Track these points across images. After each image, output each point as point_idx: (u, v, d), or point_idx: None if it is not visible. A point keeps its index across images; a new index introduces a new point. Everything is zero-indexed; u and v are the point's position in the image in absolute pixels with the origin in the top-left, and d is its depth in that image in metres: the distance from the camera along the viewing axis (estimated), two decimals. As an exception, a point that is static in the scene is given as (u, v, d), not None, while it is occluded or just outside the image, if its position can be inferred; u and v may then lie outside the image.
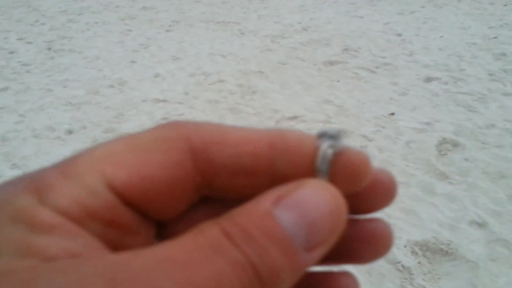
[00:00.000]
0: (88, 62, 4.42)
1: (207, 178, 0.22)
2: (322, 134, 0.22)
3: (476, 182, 2.36)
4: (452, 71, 3.75)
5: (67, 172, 0.20)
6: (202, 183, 0.22)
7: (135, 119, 3.22)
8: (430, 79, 3.64)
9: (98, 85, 3.86)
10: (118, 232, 0.21)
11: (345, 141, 0.22)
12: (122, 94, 3.65)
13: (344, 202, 0.20)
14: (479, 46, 4.28)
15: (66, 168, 0.21)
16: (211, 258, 0.17)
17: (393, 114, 3.11)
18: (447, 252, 1.94)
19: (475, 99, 3.25)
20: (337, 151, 0.22)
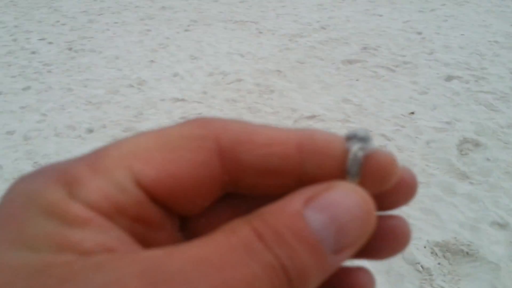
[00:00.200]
0: (107, 62, 4.46)
1: (234, 177, 0.22)
2: (351, 136, 0.22)
3: (497, 182, 2.32)
4: (473, 70, 3.70)
5: (96, 166, 0.21)
6: (228, 182, 0.23)
7: (154, 118, 3.24)
8: (451, 78, 3.60)
9: (117, 84, 3.89)
10: (145, 227, 0.21)
11: (374, 142, 0.22)
12: (141, 94, 3.67)
13: (374, 206, 0.20)
14: (501, 44, 4.22)
15: (94, 162, 0.21)
16: (244, 260, 0.18)
17: (413, 113, 3.08)
18: (468, 253, 1.92)
19: (497, 98, 3.21)
20: (367, 154, 0.22)
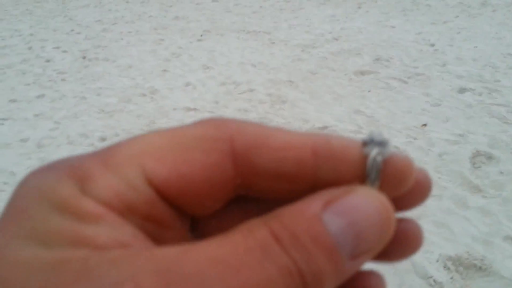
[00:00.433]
0: (121, 71, 4.50)
1: (247, 180, 0.22)
2: (368, 141, 0.22)
3: (511, 196, 2.30)
4: (486, 82, 3.68)
5: (107, 163, 0.20)
6: (240, 185, 0.22)
7: (166, 127, 3.25)
8: (463, 90, 3.58)
9: (130, 93, 3.92)
10: (155, 226, 0.21)
11: (391, 146, 0.22)
12: (154, 103, 3.70)
13: (394, 213, 0.20)
14: (515, 56, 4.20)
15: (106, 158, 0.21)
16: (261, 262, 0.17)
17: (425, 125, 3.07)
18: (481, 267, 1.90)
19: (510, 111, 3.18)
20: (385, 159, 0.21)
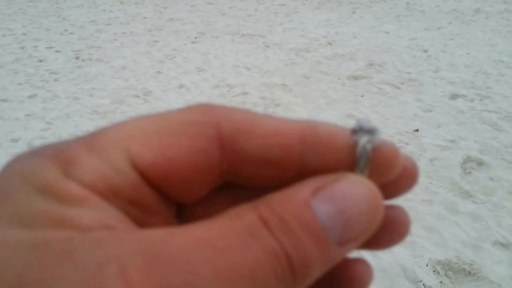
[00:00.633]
0: (114, 72, 4.49)
1: (233, 166, 0.22)
2: (358, 129, 0.21)
3: (500, 202, 2.31)
4: (478, 89, 3.71)
5: (92, 146, 0.20)
6: (227, 171, 0.22)
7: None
8: (455, 96, 3.60)
9: (123, 94, 3.91)
10: (139, 210, 0.21)
11: (380, 134, 0.22)
12: (147, 104, 3.69)
13: (382, 201, 0.20)
14: (507, 63, 4.22)
15: (91, 142, 0.21)
16: (248, 245, 0.17)
17: (417, 130, 3.08)
18: (470, 272, 1.91)
19: (501, 118, 3.21)
20: (375, 146, 0.21)
